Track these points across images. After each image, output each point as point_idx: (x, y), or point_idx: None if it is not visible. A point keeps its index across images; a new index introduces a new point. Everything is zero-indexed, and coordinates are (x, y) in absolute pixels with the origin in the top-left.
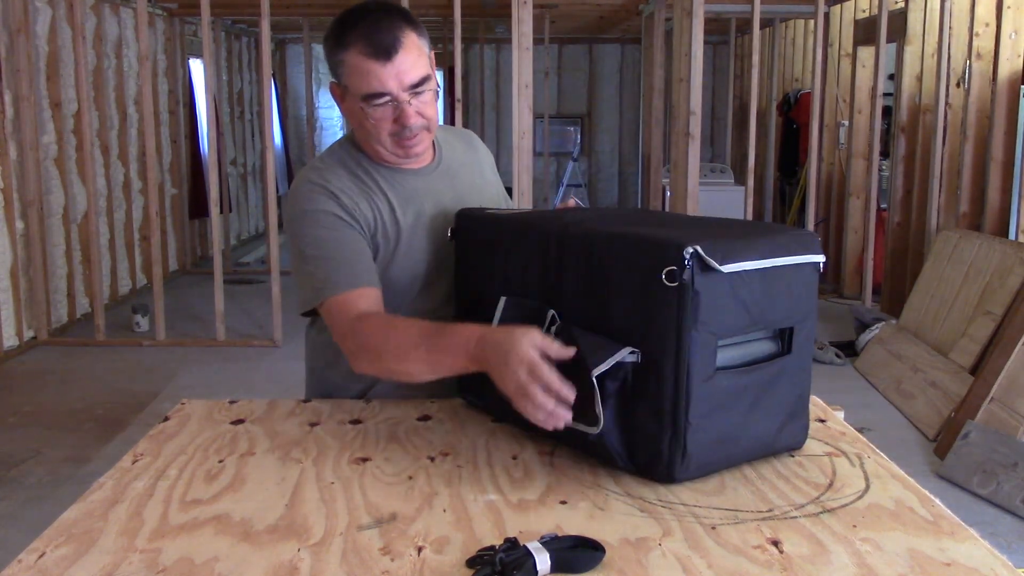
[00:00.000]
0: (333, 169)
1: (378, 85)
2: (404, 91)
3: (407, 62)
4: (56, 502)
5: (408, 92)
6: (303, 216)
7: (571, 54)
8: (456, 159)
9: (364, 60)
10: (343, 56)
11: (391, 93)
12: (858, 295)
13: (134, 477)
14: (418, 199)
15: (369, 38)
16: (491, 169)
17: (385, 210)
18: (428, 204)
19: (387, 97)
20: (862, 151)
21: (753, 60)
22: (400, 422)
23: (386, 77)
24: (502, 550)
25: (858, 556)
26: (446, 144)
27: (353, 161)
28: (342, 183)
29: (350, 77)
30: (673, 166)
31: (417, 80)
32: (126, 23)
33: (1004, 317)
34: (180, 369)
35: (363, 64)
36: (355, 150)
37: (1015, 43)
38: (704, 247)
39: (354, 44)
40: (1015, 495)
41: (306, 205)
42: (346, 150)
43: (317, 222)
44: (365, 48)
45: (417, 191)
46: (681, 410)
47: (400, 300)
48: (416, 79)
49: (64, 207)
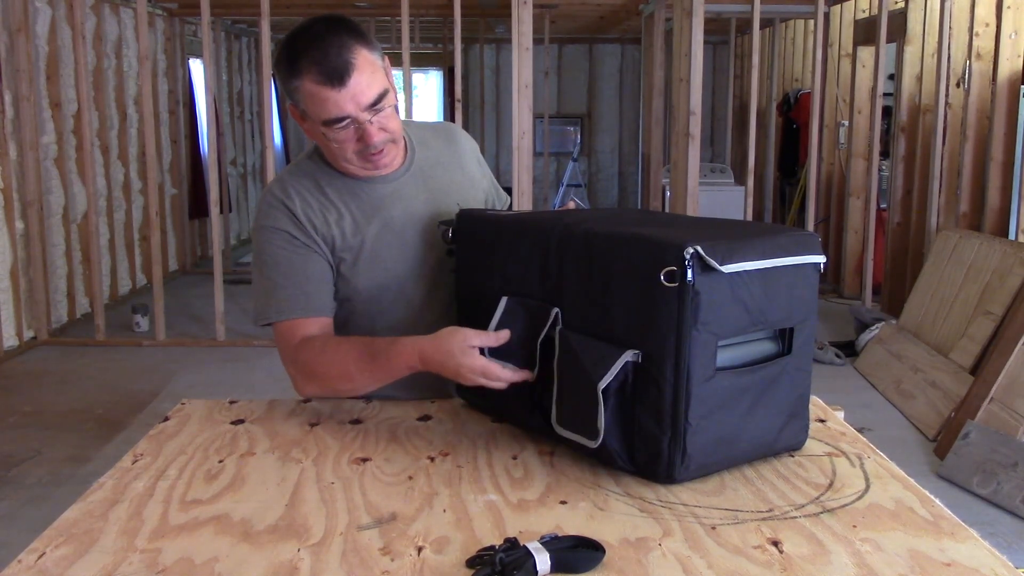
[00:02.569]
0: (298, 180)
1: (336, 111)
2: (363, 111)
3: (362, 83)
4: (56, 502)
5: (367, 111)
6: (262, 232)
7: (571, 54)
8: (430, 158)
9: (318, 88)
10: (297, 84)
11: (350, 116)
12: (858, 295)
13: (134, 477)
14: (385, 207)
15: (320, 64)
16: (476, 161)
17: (347, 223)
18: (396, 210)
19: (347, 120)
20: (862, 151)
21: (753, 60)
22: (400, 422)
23: (343, 102)
24: (502, 550)
25: (858, 556)
26: (421, 144)
27: (321, 172)
28: (303, 196)
29: (307, 104)
30: (673, 166)
31: (375, 98)
32: (126, 23)
33: (1004, 317)
34: (180, 369)
35: (318, 92)
36: (323, 162)
37: (1015, 43)
38: (704, 247)
39: (306, 72)
40: (1015, 495)
41: (265, 221)
42: (315, 162)
43: (273, 241)
44: (317, 76)
45: (384, 198)
46: (681, 410)
47: (372, 310)
48: (373, 97)
49: (64, 207)
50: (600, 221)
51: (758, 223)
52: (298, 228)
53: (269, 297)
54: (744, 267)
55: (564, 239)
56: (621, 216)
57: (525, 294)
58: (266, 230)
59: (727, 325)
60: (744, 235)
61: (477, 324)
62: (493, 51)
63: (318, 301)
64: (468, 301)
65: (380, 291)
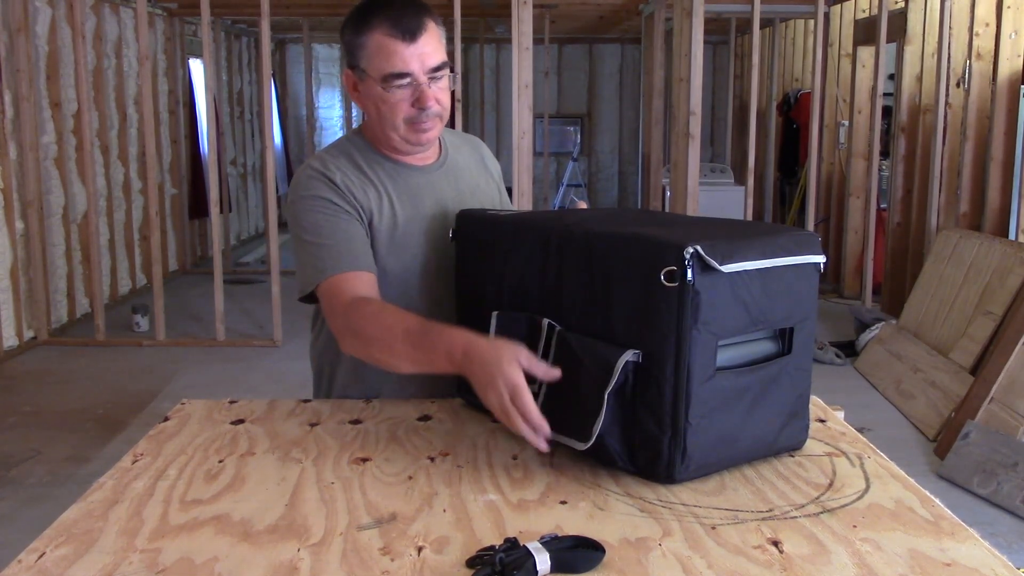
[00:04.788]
0: (336, 158)
1: (401, 65)
2: (425, 73)
3: (430, 45)
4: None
5: (428, 75)
6: (301, 202)
7: (571, 54)
8: (461, 160)
9: (389, 40)
10: (365, 38)
11: (413, 73)
12: (858, 295)
13: (134, 477)
14: (419, 195)
15: (395, 20)
16: (497, 175)
17: (384, 201)
18: (428, 201)
19: (408, 78)
20: (862, 151)
21: (753, 60)
22: (400, 422)
23: (409, 57)
24: (502, 550)
25: (858, 556)
26: (452, 146)
27: (358, 152)
28: (343, 171)
29: (372, 58)
30: (673, 166)
31: (438, 64)
32: (126, 23)
33: (1004, 317)
34: (180, 369)
35: (388, 44)
36: (362, 142)
37: (1015, 43)
38: (704, 247)
39: (379, 25)
40: (1015, 495)
41: (304, 192)
42: (353, 142)
43: (314, 208)
44: (390, 29)
45: (419, 187)
46: (681, 410)
47: (394, 293)
48: (437, 63)
49: (64, 207)
50: (600, 221)
51: (758, 223)
52: (338, 195)
53: (314, 260)
54: (744, 267)
55: (564, 239)
56: (621, 216)
57: (525, 294)
58: (305, 199)
59: (727, 325)
60: (744, 235)
61: (476, 325)
62: (493, 51)
63: (364, 259)
64: (468, 301)
65: (405, 274)
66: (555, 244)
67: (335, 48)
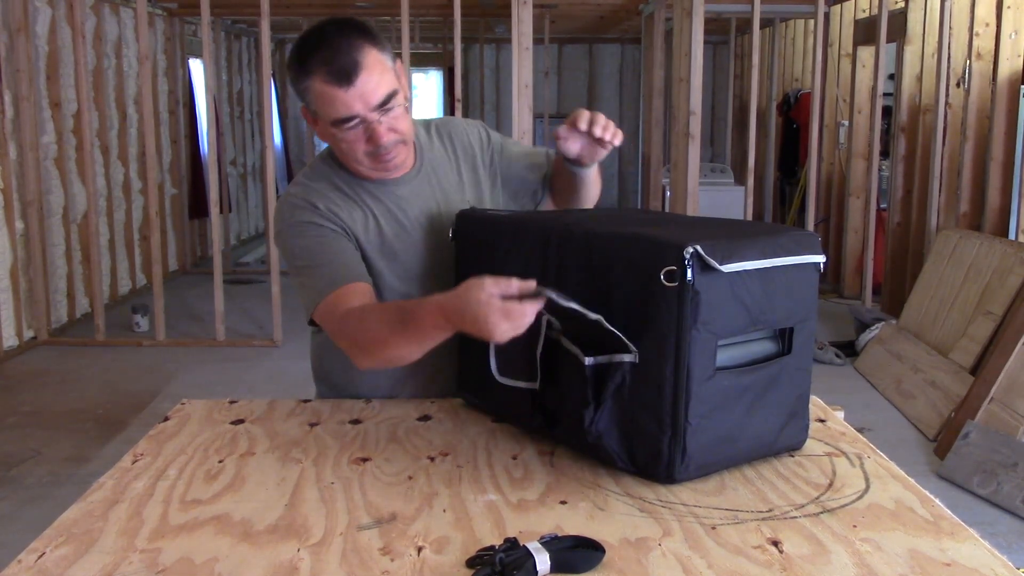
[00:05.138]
0: (315, 183)
1: (344, 110)
2: (372, 111)
3: (371, 82)
4: (56, 502)
5: (376, 111)
6: (287, 230)
7: (571, 54)
8: (437, 156)
9: (327, 87)
10: (307, 83)
11: (359, 115)
12: (858, 295)
13: (134, 477)
14: (403, 207)
15: (329, 63)
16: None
17: (371, 219)
18: (414, 211)
19: (356, 120)
20: (862, 151)
21: (753, 60)
22: (400, 422)
23: (351, 101)
24: (502, 550)
25: (858, 556)
26: (425, 146)
27: (336, 175)
28: (325, 196)
29: (317, 104)
30: (673, 166)
31: (383, 98)
32: (126, 23)
33: (1004, 317)
34: (180, 369)
35: (327, 91)
36: (336, 165)
37: (1015, 43)
38: (704, 247)
39: (316, 71)
40: (1015, 495)
41: (289, 219)
42: (328, 165)
43: (301, 233)
44: (326, 76)
45: (401, 199)
46: (681, 410)
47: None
48: (382, 97)
49: (64, 207)
50: (600, 221)
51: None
52: (323, 218)
53: (311, 283)
54: (744, 267)
55: (564, 239)
56: (621, 216)
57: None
58: (292, 226)
59: (727, 325)
60: (744, 235)
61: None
62: (493, 51)
63: (353, 270)
64: None
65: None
66: (555, 244)
67: None
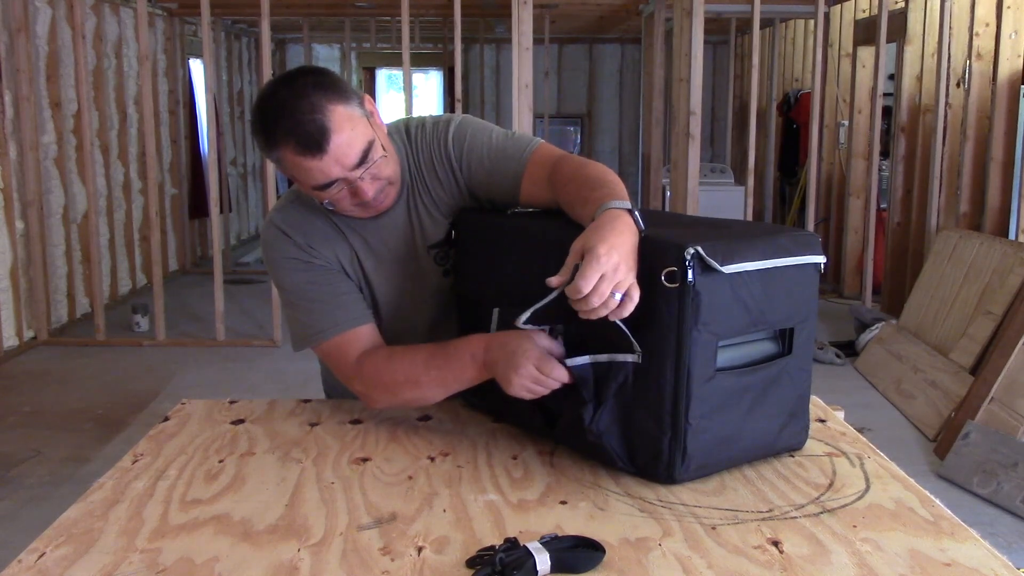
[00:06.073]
0: (293, 214)
1: (323, 177)
2: (351, 171)
3: (343, 144)
4: (56, 502)
5: (356, 169)
6: (275, 264)
7: (571, 54)
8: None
9: (299, 159)
10: (278, 155)
11: (338, 178)
12: (858, 295)
13: (134, 477)
14: (383, 239)
15: (295, 134)
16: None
17: (351, 251)
18: (393, 241)
19: (336, 182)
20: (862, 151)
21: (753, 60)
22: (400, 422)
23: (327, 167)
24: (502, 550)
25: (858, 556)
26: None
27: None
28: (302, 231)
29: (293, 172)
30: (673, 166)
31: (360, 155)
32: (126, 23)
33: (1004, 317)
34: (180, 369)
35: (300, 162)
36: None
37: (1015, 43)
38: (705, 248)
39: (284, 144)
40: (1015, 495)
41: (274, 252)
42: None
43: (290, 269)
44: (295, 147)
45: (380, 230)
46: (681, 411)
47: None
48: (359, 155)
49: (64, 207)
50: None
51: (758, 223)
52: (306, 252)
53: (306, 319)
54: (744, 267)
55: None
56: None
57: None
58: (279, 261)
59: (727, 325)
60: (744, 235)
61: (476, 326)
62: (493, 51)
63: (357, 310)
64: (468, 301)
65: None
66: (555, 244)
67: (335, 48)
